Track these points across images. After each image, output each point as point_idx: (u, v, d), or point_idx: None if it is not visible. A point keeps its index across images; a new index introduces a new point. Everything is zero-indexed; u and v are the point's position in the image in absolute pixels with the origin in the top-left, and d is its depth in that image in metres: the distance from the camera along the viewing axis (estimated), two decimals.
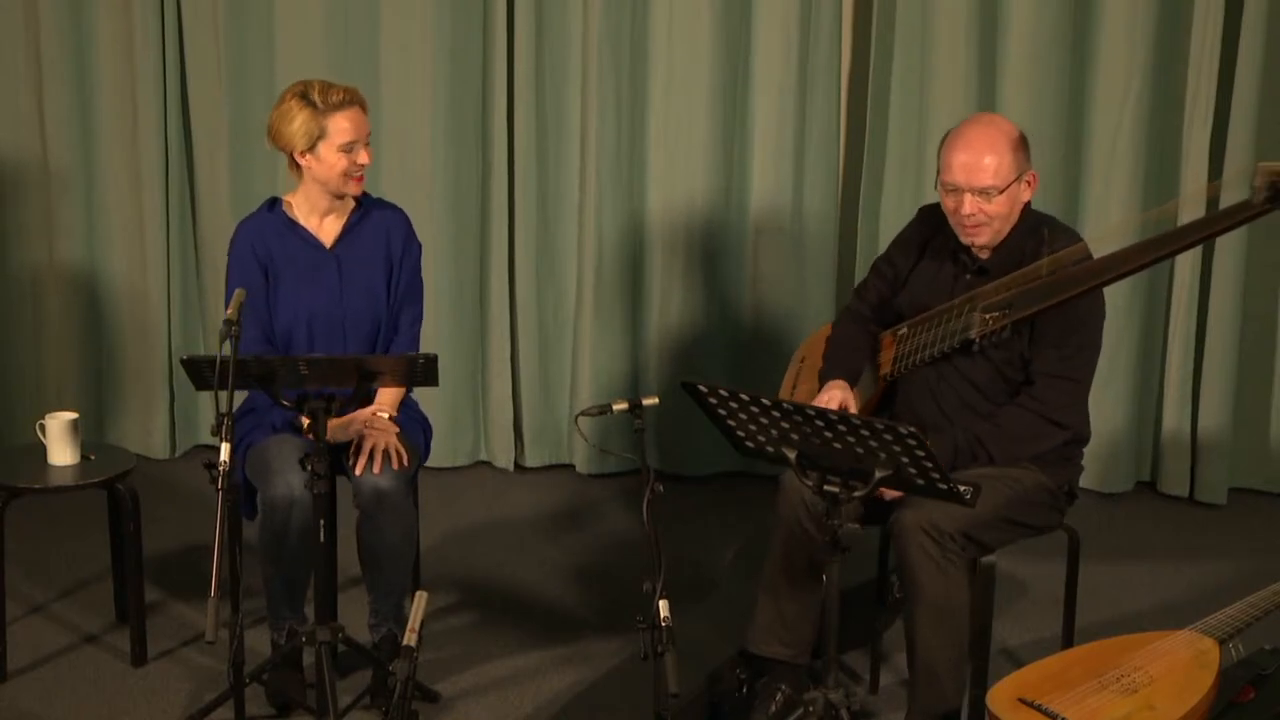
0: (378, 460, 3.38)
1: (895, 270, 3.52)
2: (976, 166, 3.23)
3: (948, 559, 3.13)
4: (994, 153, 3.23)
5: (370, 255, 3.58)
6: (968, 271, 3.37)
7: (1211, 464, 4.83)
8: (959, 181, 3.24)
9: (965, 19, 4.67)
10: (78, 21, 4.82)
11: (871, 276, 3.60)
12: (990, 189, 3.23)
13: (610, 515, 4.72)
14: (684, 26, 4.74)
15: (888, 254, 3.58)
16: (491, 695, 3.59)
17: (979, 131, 3.27)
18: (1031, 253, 3.27)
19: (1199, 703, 2.90)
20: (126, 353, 5.04)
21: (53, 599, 4.04)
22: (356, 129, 3.45)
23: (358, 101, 3.47)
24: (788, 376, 3.77)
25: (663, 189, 4.86)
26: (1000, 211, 3.26)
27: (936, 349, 3.33)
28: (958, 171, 3.24)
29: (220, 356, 2.97)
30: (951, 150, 3.27)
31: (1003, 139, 3.25)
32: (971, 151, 3.24)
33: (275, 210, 3.59)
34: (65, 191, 4.92)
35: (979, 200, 3.24)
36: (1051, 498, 3.34)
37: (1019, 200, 3.30)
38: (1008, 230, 3.31)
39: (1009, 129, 3.29)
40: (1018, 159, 3.26)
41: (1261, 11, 4.52)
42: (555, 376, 5.07)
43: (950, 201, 3.29)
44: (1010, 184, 3.24)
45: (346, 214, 3.59)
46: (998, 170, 3.23)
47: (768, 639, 3.41)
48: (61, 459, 3.66)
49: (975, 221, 3.26)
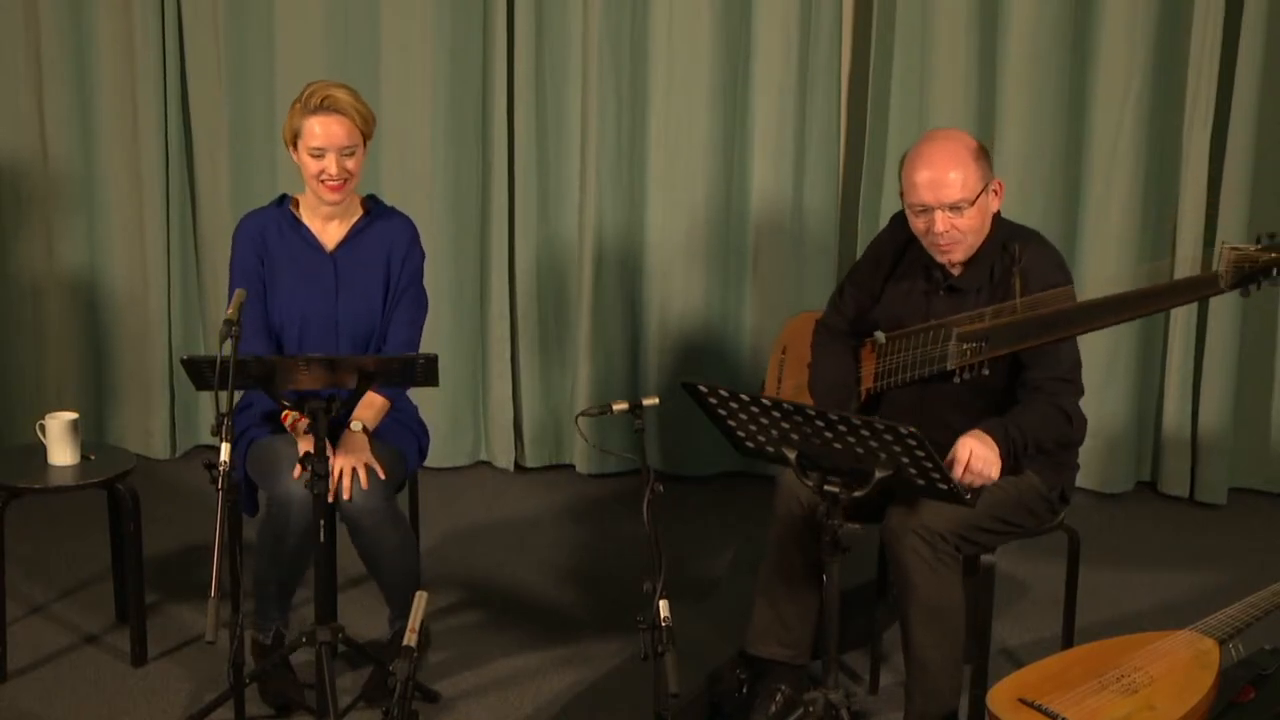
0: (346, 484, 3.34)
1: (872, 282, 3.46)
2: (942, 182, 3.16)
3: (940, 559, 3.13)
4: (957, 166, 3.17)
5: (370, 261, 3.56)
6: (940, 289, 3.32)
7: (1212, 464, 4.83)
8: (927, 200, 3.18)
9: (965, 19, 4.67)
10: (78, 21, 4.82)
11: (848, 287, 3.53)
12: (960, 203, 3.17)
13: (610, 515, 4.72)
14: (684, 26, 4.74)
15: (863, 265, 3.52)
16: (491, 695, 3.59)
17: (938, 147, 3.21)
18: (1002, 269, 3.23)
19: (1199, 703, 2.90)
20: (126, 353, 5.04)
21: (53, 599, 4.04)
22: (327, 136, 3.40)
23: (339, 110, 3.41)
24: (771, 368, 3.76)
25: (663, 189, 4.86)
26: (973, 225, 3.21)
27: (915, 372, 3.29)
28: (924, 190, 3.18)
29: (220, 356, 2.97)
30: (913, 170, 3.20)
31: (963, 151, 3.20)
32: (934, 168, 3.17)
33: (283, 207, 3.60)
34: (65, 191, 4.92)
35: (951, 216, 3.18)
36: (1045, 502, 3.33)
37: (989, 211, 3.25)
38: (980, 243, 3.26)
39: (967, 141, 3.23)
40: (981, 169, 3.20)
41: (1261, 11, 4.52)
42: (555, 376, 5.07)
43: (921, 223, 3.23)
44: (979, 195, 3.19)
45: (352, 220, 3.58)
46: (964, 183, 3.17)
47: (766, 640, 3.41)
48: (61, 459, 3.66)
49: (950, 240, 3.21)
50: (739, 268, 4.91)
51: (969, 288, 3.27)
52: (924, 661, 3.19)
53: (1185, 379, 4.81)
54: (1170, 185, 4.73)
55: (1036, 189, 4.72)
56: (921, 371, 3.27)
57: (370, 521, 3.40)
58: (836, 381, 3.46)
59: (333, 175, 3.43)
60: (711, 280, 4.93)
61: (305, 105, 3.43)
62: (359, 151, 3.47)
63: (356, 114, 3.44)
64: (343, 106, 3.42)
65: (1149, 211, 4.73)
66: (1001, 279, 3.23)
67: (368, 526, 3.40)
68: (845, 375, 3.47)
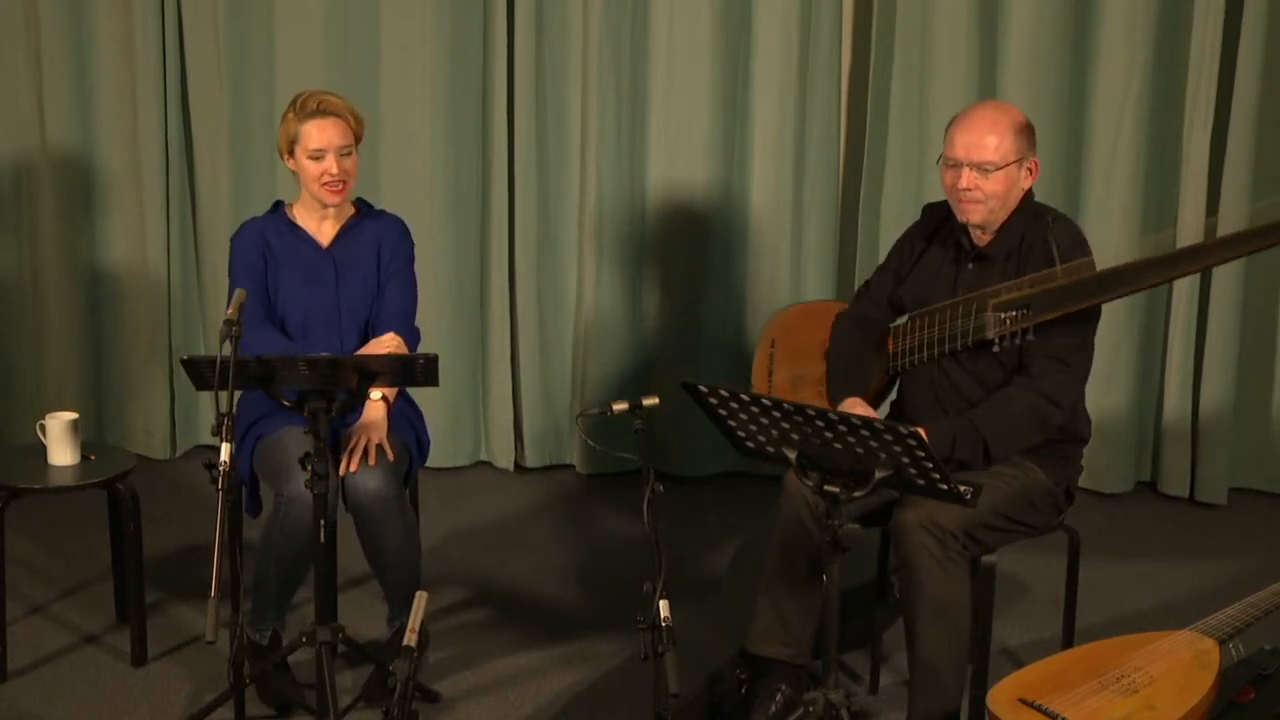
0: (356, 457, 3.41)
1: (900, 264, 3.54)
2: (978, 144, 3.26)
3: (949, 557, 3.13)
4: (996, 132, 3.27)
5: (364, 256, 3.63)
6: (968, 259, 3.37)
7: (1212, 464, 4.83)
8: (959, 156, 3.28)
9: (965, 19, 4.67)
10: (78, 21, 4.82)
11: (876, 276, 3.61)
12: (988, 164, 3.25)
13: (610, 515, 4.72)
14: (684, 26, 4.74)
15: (893, 251, 3.59)
16: (491, 695, 3.59)
17: (985, 112, 3.33)
18: (1035, 238, 3.29)
19: (1199, 703, 2.90)
20: (127, 353, 5.03)
21: (53, 599, 4.04)
22: (325, 138, 3.50)
23: (333, 112, 3.52)
24: (759, 361, 3.75)
25: (663, 189, 4.86)
26: (996, 190, 3.28)
27: (946, 346, 3.34)
28: (959, 147, 3.28)
29: (220, 356, 2.97)
30: (957, 128, 3.31)
31: (1007, 121, 3.29)
32: (975, 131, 3.28)
33: (278, 212, 3.68)
34: (65, 191, 4.92)
35: (975, 175, 3.26)
36: (1051, 498, 3.34)
37: (1017, 184, 3.32)
38: (1003, 214, 3.32)
39: (1015, 114, 3.33)
40: (1019, 143, 3.29)
41: (1261, 11, 4.52)
42: (555, 376, 5.07)
43: (949, 177, 3.31)
44: (1009, 164, 3.27)
45: (344, 219, 3.65)
46: (998, 148, 3.26)
47: (768, 640, 3.41)
48: (61, 459, 3.66)
49: (970, 197, 3.29)
50: (739, 268, 4.91)
51: (997, 255, 3.33)
52: (929, 660, 3.19)
53: (1185, 378, 4.81)
54: (1170, 185, 4.73)
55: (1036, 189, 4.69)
56: (954, 345, 3.32)
57: (381, 511, 3.40)
58: (855, 355, 3.51)
59: (334, 175, 3.52)
60: (712, 280, 4.92)
61: (300, 111, 3.53)
62: (354, 153, 3.57)
63: (350, 115, 3.56)
64: (337, 109, 3.54)
65: (1149, 211, 4.73)
66: (1031, 248, 3.30)
67: (378, 516, 3.41)
68: (864, 348, 3.52)
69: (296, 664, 3.52)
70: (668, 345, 4.95)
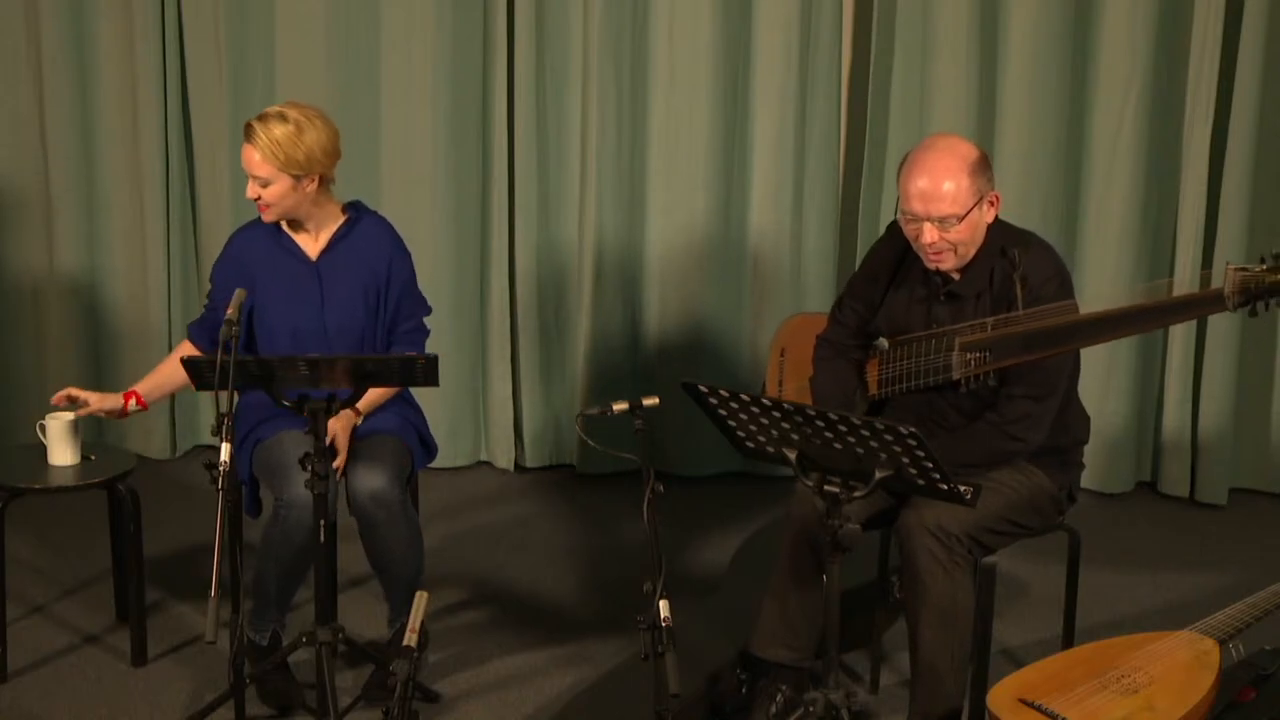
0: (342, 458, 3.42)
1: (870, 293, 3.46)
2: (934, 195, 3.15)
3: (954, 560, 3.13)
4: (951, 179, 3.15)
5: (353, 265, 3.57)
6: (940, 295, 3.31)
7: (1212, 464, 4.83)
8: (917, 211, 3.17)
9: (965, 19, 4.67)
10: (78, 21, 4.82)
11: (846, 300, 3.52)
12: (949, 218, 3.16)
13: (610, 515, 4.72)
14: (684, 26, 4.74)
15: (860, 276, 3.51)
16: (491, 695, 3.59)
17: (935, 158, 3.19)
18: (1001, 274, 3.23)
19: (1199, 703, 2.90)
20: (127, 353, 5.03)
21: (53, 599, 4.04)
22: (246, 161, 3.46)
23: (249, 139, 3.43)
24: (771, 370, 3.75)
25: (663, 189, 4.86)
26: (962, 238, 3.19)
27: (920, 381, 3.30)
28: (915, 200, 3.17)
29: (220, 356, 2.97)
30: (909, 177, 3.19)
31: (959, 164, 3.17)
32: (929, 179, 3.16)
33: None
34: (65, 192, 4.91)
35: (938, 229, 3.18)
36: (1053, 500, 3.34)
37: (981, 224, 3.23)
38: (973, 253, 3.25)
39: (966, 151, 3.21)
40: (976, 183, 3.18)
41: (1261, 11, 4.52)
42: (555, 377, 5.07)
43: (911, 230, 3.22)
44: (970, 209, 3.17)
45: (334, 230, 3.59)
46: (956, 198, 3.15)
47: (772, 642, 3.40)
48: (62, 459, 3.66)
49: (937, 250, 3.20)
50: (739, 268, 4.91)
51: (968, 293, 3.27)
52: (931, 662, 3.19)
53: (1186, 379, 4.81)
54: (1170, 185, 4.73)
55: (1036, 189, 4.72)
56: (926, 380, 3.28)
57: (385, 514, 3.40)
58: (835, 395, 3.45)
59: (250, 197, 3.48)
60: (711, 281, 4.92)
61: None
62: (278, 184, 3.45)
63: (269, 147, 3.41)
64: (253, 136, 3.43)
65: (1149, 211, 4.73)
66: (1002, 285, 3.23)
67: (382, 519, 3.41)
68: (846, 388, 3.46)
69: (296, 664, 3.53)
70: (668, 345, 4.95)
